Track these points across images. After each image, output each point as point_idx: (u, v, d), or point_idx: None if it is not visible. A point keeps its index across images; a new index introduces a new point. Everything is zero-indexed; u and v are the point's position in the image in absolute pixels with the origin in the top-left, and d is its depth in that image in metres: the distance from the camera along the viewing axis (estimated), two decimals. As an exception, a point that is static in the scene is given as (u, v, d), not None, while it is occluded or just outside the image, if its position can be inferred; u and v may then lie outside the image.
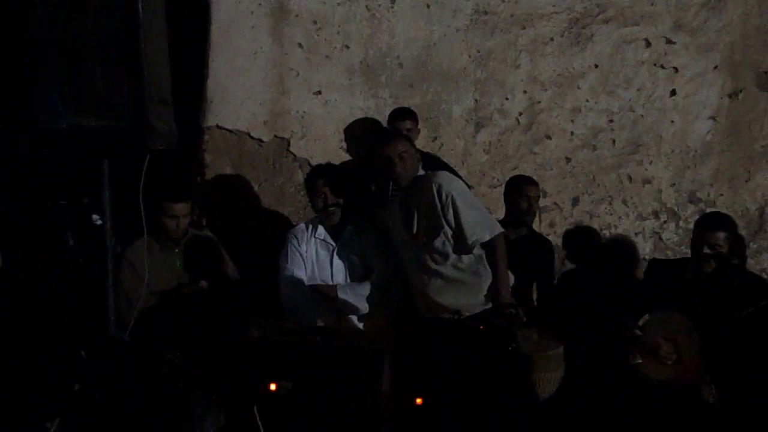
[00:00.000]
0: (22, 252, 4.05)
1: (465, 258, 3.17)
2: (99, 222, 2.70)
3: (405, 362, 2.63)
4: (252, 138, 4.07)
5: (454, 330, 2.97)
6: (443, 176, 3.25)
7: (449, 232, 3.14)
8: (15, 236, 4.08)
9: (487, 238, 3.13)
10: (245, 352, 2.57)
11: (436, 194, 3.13)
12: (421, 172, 3.30)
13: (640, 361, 3.09)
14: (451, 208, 3.12)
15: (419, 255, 3.23)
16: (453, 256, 3.16)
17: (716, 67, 4.32)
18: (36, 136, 2.35)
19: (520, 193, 3.77)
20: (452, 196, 3.13)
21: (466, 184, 3.88)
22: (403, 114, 3.88)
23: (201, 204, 3.96)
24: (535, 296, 3.74)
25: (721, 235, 3.16)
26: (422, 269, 3.22)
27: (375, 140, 3.43)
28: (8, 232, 4.03)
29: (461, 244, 3.15)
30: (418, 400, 2.60)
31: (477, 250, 3.17)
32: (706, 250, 3.15)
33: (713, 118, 4.36)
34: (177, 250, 3.56)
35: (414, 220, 3.21)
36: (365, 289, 3.35)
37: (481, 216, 3.20)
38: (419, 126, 3.95)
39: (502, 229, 3.22)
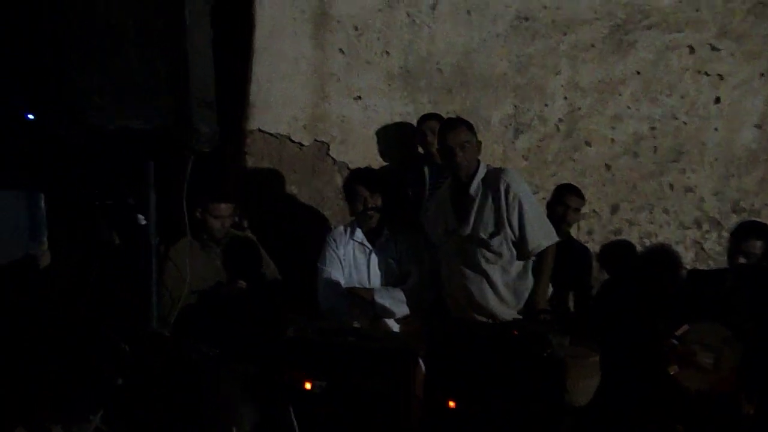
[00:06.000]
0: (69, 250, 4.18)
1: (515, 264, 3.14)
2: (143, 222, 2.76)
3: (438, 365, 2.64)
4: (292, 141, 4.14)
5: (487, 333, 2.97)
6: (512, 175, 3.15)
7: (510, 235, 3.08)
8: (63, 235, 4.20)
9: (545, 246, 3.10)
10: (281, 351, 2.61)
11: (503, 193, 3.05)
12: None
13: (677, 370, 3.04)
14: (517, 212, 3.05)
15: (468, 250, 3.16)
16: (505, 258, 3.12)
17: (762, 74, 4.24)
18: (84, 136, 2.43)
19: (560, 200, 3.78)
20: (520, 198, 3.05)
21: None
22: (431, 117, 3.88)
23: (242, 206, 4.03)
24: (571, 303, 3.71)
25: (758, 243, 3.11)
26: (468, 265, 3.17)
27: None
28: (57, 231, 4.16)
29: (521, 250, 3.11)
30: (451, 403, 2.60)
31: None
32: (742, 260, 3.10)
33: (758, 126, 4.27)
34: (218, 251, 3.63)
35: (471, 213, 3.14)
36: (401, 293, 3.38)
37: (542, 223, 3.15)
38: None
39: (558, 239, 3.19)
